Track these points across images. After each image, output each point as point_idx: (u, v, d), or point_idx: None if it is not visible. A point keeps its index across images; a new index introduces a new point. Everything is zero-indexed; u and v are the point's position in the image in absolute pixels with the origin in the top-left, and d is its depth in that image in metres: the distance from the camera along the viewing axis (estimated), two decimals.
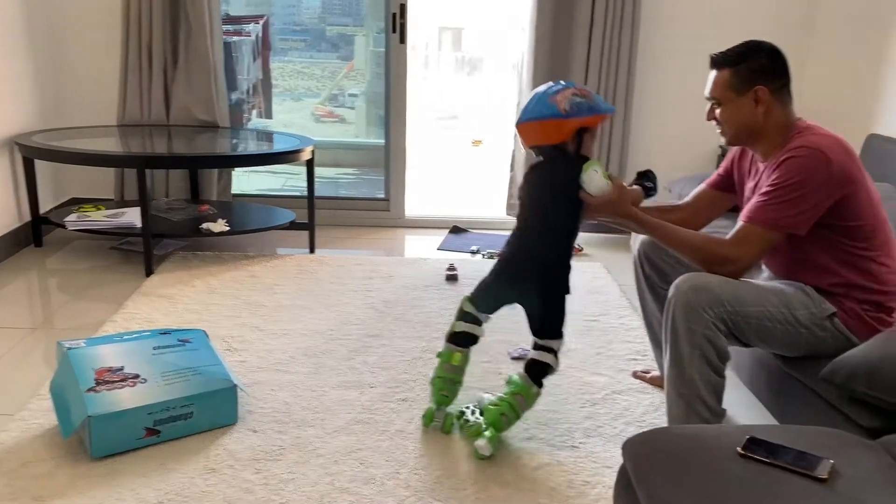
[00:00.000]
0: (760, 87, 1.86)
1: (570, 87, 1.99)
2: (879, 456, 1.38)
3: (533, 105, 1.99)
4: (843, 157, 1.78)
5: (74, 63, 3.97)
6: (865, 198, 1.82)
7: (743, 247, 1.84)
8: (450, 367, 2.13)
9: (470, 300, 2.14)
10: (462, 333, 2.13)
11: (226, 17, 4.27)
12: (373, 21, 4.65)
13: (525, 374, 2.06)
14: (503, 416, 2.03)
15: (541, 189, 2.05)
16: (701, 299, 1.78)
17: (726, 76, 1.90)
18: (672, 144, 4.26)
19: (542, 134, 2.01)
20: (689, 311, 1.79)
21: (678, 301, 1.80)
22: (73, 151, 3.23)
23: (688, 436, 1.43)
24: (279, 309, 2.99)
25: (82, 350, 2.09)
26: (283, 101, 4.95)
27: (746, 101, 1.88)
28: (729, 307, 1.79)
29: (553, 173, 2.04)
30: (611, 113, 2.06)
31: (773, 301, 1.83)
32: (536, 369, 2.05)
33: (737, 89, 1.89)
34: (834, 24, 3.92)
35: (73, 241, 3.78)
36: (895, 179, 3.13)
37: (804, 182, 1.77)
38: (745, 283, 1.85)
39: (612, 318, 3.02)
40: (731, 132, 1.95)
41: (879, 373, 1.58)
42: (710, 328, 1.78)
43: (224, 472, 1.91)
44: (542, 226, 2.04)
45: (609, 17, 3.86)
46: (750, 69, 1.87)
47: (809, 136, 1.82)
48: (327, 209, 4.32)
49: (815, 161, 1.76)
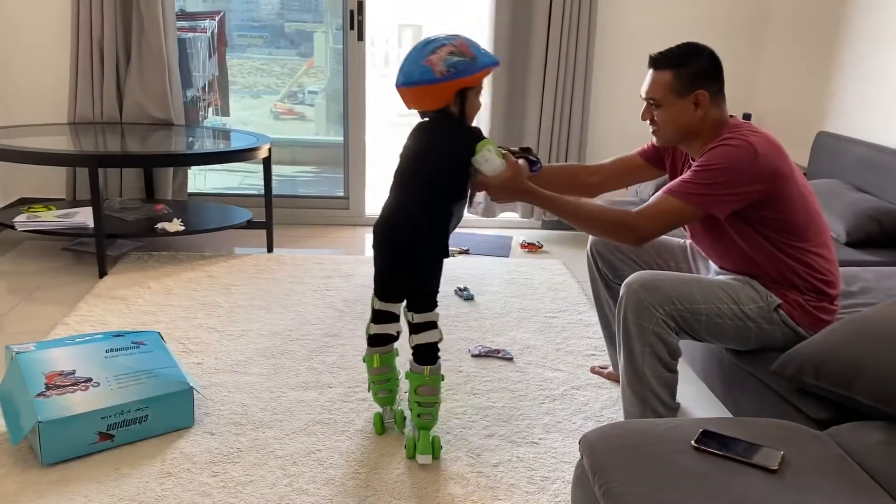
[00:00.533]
0: (701, 91, 1.87)
1: (447, 44, 1.85)
2: (828, 446, 1.42)
3: (408, 67, 1.86)
4: (771, 151, 1.81)
5: (23, 59, 3.86)
6: (795, 192, 1.85)
7: (653, 216, 1.84)
8: (375, 371, 2.08)
9: (375, 293, 2.05)
10: (375, 336, 2.07)
11: (180, 13, 4.20)
12: (332, 18, 4.62)
13: (414, 363, 1.99)
14: (421, 418, 1.98)
15: (421, 152, 1.94)
16: (651, 297, 1.81)
17: (667, 78, 1.89)
18: (629, 136, 4.31)
19: (419, 99, 1.89)
20: (639, 309, 1.81)
21: (629, 299, 1.83)
22: (22, 150, 3.14)
23: (643, 430, 1.45)
24: (236, 309, 2.95)
25: (32, 354, 2.03)
26: (241, 98, 4.89)
27: (686, 104, 1.89)
28: (679, 304, 1.82)
29: (434, 138, 1.93)
30: (493, 66, 1.92)
31: (722, 297, 1.86)
32: (424, 352, 1.98)
33: (678, 92, 1.89)
34: (785, 25, 4.01)
35: (23, 243, 3.68)
36: (843, 175, 3.22)
37: (729, 169, 1.78)
38: (695, 280, 1.88)
39: (570, 315, 3.05)
40: (668, 134, 1.95)
41: (827, 365, 1.63)
42: (661, 325, 1.81)
43: (181, 476, 1.88)
44: (419, 190, 1.93)
45: (566, 13, 3.89)
46: (691, 73, 1.87)
47: (741, 131, 1.84)
48: (286, 208, 4.28)
49: (742, 152, 1.79)
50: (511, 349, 2.70)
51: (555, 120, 4.06)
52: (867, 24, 3.32)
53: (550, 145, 4.11)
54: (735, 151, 1.79)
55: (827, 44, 3.62)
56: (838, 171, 3.26)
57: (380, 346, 2.07)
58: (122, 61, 3.81)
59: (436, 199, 1.92)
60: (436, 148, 1.93)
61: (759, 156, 1.78)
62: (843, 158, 3.24)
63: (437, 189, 1.92)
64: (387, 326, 2.05)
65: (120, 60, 3.80)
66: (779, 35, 4.06)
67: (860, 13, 3.37)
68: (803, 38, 3.83)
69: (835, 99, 3.54)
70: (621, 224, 1.86)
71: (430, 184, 1.92)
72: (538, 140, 4.09)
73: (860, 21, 3.37)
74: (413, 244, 1.94)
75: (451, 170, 1.92)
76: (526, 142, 4.09)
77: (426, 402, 1.98)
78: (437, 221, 1.93)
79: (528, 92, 4.04)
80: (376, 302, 2.05)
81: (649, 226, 1.85)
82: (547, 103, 4.03)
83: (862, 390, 1.54)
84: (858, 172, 3.12)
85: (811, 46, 3.75)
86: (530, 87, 4.02)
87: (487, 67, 1.89)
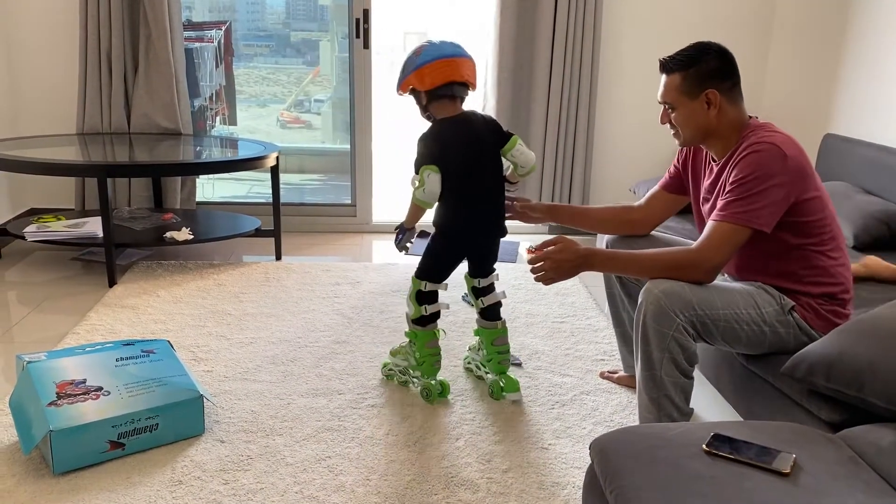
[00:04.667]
0: (711, 90, 1.88)
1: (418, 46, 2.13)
2: (840, 449, 1.41)
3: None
4: (797, 152, 1.82)
5: (32, 71, 3.89)
6: (816, 193, 1.86)
7: (713, 247, 1.84)
8: (431, 344, 2.35)
9: (429, 279, 2.31)
10: (431, 315, 2.34)
11: (187, 23, 4.23)
12: (337, 26, 4.64)
13: (484, 320, 2.37)
14: (501, 364, 2.37)
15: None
16: (672, 303, 1.79)
17: (677, 81, 1.91)
18: (635, 144, 4.31)
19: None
20: (660, 314, 1.80)
21: (649, 305, 1.81)
22: (31, 161, 3.16)
23: (653, 434, 1.44)
24: (245, 317, 2.96)
25: (43, 363, 2.04)
26: (248, 107, 4.91)
27: (698, 104, 1.90)
28: (699, 310, 1.81)
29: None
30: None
31: (741, 302, 1.86)
32: (492, 310, 2.37)
33: (688, 93, 1.90)
34: (791, 28, 4.00)
35: (33, 253, 3.70)
36: (850, 177, 3.21)
37: (765, 176, 1.79)
38: (714, 286, 1.87)
39: (578, 320, 3.04)
40: (687, 135, 1.97)
41: (838, 366, 1.62)
42: (681, 331, 1.80)
43: (191, 484, 1.88)
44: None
45: (571, 21, 3.90)
46: (699, 72, 1.88)
47: (763, 133, 1.85)
48: (293, 216, 4.29)
49: (772, 155, 1.79)
50: (519, 354, 2.70)
51: (560, 127, 4.07)
52: (873, 25, 3.31)
53: (556, 153, 4.11)
54: (765, 157, 1.80)
55: (833, 46, 3.61)
56: (846, 174, 3.25)
57: (432, 323, 2.34)
58: (129, 72, 3.84)
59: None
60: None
61: (787, 157, 1.79)
62: (851, 160, 3.23)
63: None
64: (436, 305, 2.33)
65: (128, 71, 3.83)
66: (785, 38, 4.06)
67: (866, 15, 3.36)
68: (810, 41, 3.82)
69: (841, 101, 3.53)
70: (687, 263, 1.85)
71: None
72: (543, 148, 4.09)
73: (866, 23, 3.36)
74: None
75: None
76: (531, 145, 4.09)
77: (503, 350, 2.36)
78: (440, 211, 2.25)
79: (533, 99, 4.04)
80: (428, 286, 2.29)
81: (713, 258, 1.83)
82: (552, 111, 4.03)
83: (875, 391, 1.53)
84: (866, 175, 3.11)
85: (818, 48, 3.75)
86: (535, 95, 4.02)
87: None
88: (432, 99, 2.16)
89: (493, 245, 2.32)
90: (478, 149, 2.18)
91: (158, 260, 3.62)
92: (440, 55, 2.08)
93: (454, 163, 2.15)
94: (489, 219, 2.25)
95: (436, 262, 2.28)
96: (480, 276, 2.34)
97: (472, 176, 2.18)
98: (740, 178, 1.82)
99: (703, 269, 1.84)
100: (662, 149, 4.31)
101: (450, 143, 2.15)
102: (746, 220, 1.81)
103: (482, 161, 2.19)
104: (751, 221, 1.81)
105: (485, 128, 2.20)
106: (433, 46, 2.11)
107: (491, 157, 2.21)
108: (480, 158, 2.18)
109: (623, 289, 2.33)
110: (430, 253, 2.28)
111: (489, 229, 2.26)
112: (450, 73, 2.10)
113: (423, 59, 2.09)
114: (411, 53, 2.14)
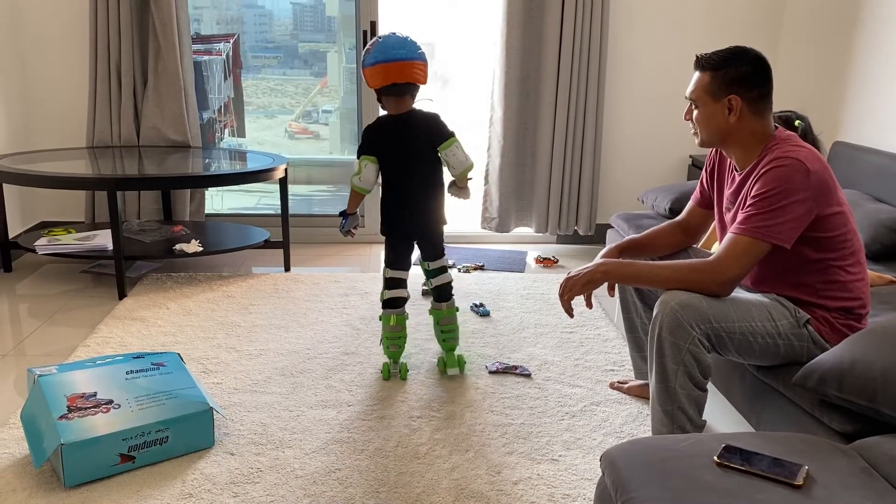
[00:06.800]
0: (734, 96, 1.87)
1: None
2: (853, 461, 1.40)
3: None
4: (820, 167, 1.80)
5: (42, 85, 3.93)
6: (839, 209, 1.85)
7: (731, 260, 1.82)
8: (390, 328, 2.57)
9: (388, 266, 2.56)
10: (391, 300, 2.58)
11: (196, 36, 4.26)
12: (345, 37, 4.66)
13: (435, 302, 2.59)
14: (447, 342, 2.61)
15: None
16: (689, 315, 1.78)
17: (706, 79, 1.90)
18: (643, 153, 4.31)
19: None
20: (676, 327, 1.78)
21: (665, 317, 1.80)
22: (42, 175, 3.19)
23: (665, 446, 1.44)
24: (255, 329, 2.97)
25: (54, 377, 2.05)
26: (256, 118, 4.93)
27: (720, 106, 1.89)
28: (715, 323, 1.79)
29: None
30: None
31: (756, 315, 1.84)
32: (442, 291, 2.58)
33: (713, 94, 1.90)
34: (799, 35, 4.00)
35: (44, 266, 3.73)
36: (861, 186, 3.19)
37: (788, 191, 1.77)
38: (729, 298, 1.86)
39: (588, 330, 3.03)
40: (704, 136, 1.96)
41: (850, 376, 1.61)
42: (696, 344, 1.79)
43: (202, 497, 1.88)
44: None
45: (578, 30, 3.91)
46: (728, 76, 1.87)
47: (787, 146, 1.83)
48: (302, 227, 4.30)
49: (795, 171, 1.77)
50: (529, 365, 2.69)
51: (567, 137, 4.07)
52: (883, 33, 3.31)
53: (564, 163, 4.11)
54: (788, 171, 1.78)
55: (843, 53, 3.60)
56: (856, 182, 3.23)
57: (395, 308, 2.55)
58: (139, 85, 3.87)
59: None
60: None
61: (810, 172, 1.77)
62: (861, 168, 3.21)
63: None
64: (399, 291, 2.54)
65: (137, 84, 3.86)
66: (793, 45, 4.05)
67: (876, 23, 3.36)
68: (818, 48, 3.82)
69: (851, 108, 3.52)
70: (705, 275, 1.84)
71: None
72: (551, 157, 4.09)
73: (876, 30, 3.36)
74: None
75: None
76: (539, 154, 4.09)
77: (447, 329, 2.59)
78: (381, 203, 2.51)
79: (540, 109, 4.04)
80: (388, 272, 2.53)
81: (730, 271, 1.82)
82: (560, 121, 4.03)
83: (887, 401, 1.52)
84: (876, 182, 3.09)
85: (827, 56, 3.74)
86: (542, 105, 4.02)
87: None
88: (380, 95, 2.38)
89: (431, 235, 2.52)
90: (410, 145, 2.39)
91: (168, 272, 3.64)
92: (383, 59, 2.28)
93: (387, 157, 2.42)
94: (420, 211, 2.46)
95: (388, 250, 2.54)
96: (429, 260, 2.56)
97: (405, 170, 2.41)
98: (763, 193, 1.81)
99: (720, 281, 1.82)
100: (670, 158, 4.31)
101: (385, 137, 2.40)
102: (767, 235, 1.80)
103: (413, 157, 2.40)
104: (771, 237, 1.79)
105: (423, 126, 2.40)
106: (378, 48, 2.29)
107: (425, 154, 2.41)
108: (412, 155, 2.40)
109: (637, 294, 2.32)
110: (385, 243, 2.55)
111: (420, 221, 2.48)
112: (390, 76, 2.30)
113: (369, 61, 2.30)
114: (365, 49, 2.34)
